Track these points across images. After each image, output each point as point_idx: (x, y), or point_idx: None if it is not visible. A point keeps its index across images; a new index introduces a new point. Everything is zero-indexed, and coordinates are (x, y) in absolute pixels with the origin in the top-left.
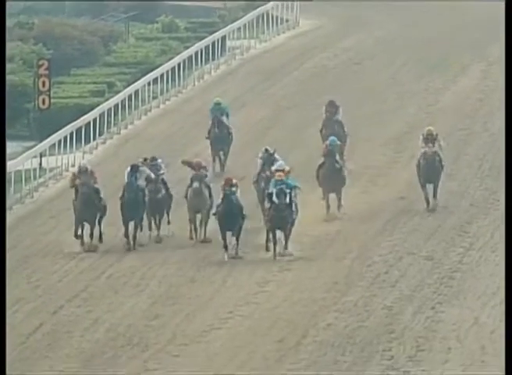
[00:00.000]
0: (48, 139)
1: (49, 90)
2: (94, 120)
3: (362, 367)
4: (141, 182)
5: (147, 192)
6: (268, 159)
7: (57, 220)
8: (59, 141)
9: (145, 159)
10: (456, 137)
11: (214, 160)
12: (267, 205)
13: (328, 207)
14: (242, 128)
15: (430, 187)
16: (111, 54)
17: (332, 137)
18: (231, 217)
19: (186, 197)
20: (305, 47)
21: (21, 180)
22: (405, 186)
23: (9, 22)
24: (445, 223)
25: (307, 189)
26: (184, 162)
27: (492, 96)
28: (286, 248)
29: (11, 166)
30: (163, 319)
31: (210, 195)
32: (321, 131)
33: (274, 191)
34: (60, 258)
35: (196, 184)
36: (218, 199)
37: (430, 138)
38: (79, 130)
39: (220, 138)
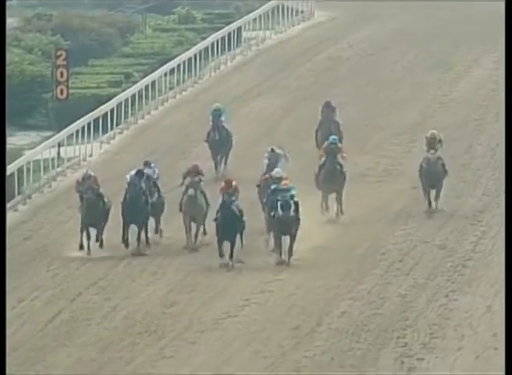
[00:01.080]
0: (66, 129)
1: (67, 80)
2: (112, 110)
3: (376, 354)
4: (144, 185)
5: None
6: (274, 160)
7: (74, 210)
8: (77, 131)
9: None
10: (469, 127)
11: (215, 160)
12: (271, 213)
13: (327, 209)
14: (257, 118)
15: (433, 191)
16: (128, 45)
17: (332, 136)
18: (229, 227)
19: (180, 204)
20: (320, 38)
21: (39, 170)
22: (418, 176)
23: (28, 13)
24: (458, 212)
25: None
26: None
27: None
28: (290, 254)
29: (30, 155)
30: (180, 306)
31: (206, 202)
32: (316, 132)
33: (279, 202)
34: (75, 249)
35: (191, 191)
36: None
37: (433, 142)
38: (96, 120)
39: (219, 142)
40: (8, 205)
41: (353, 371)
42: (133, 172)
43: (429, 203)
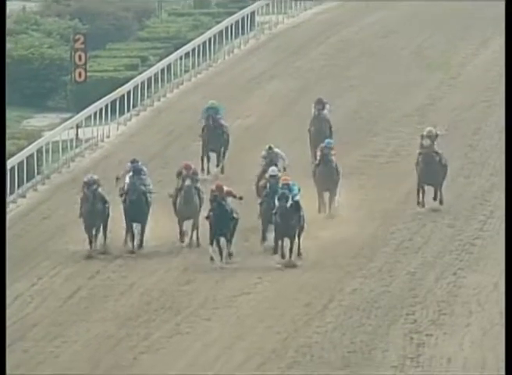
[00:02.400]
0: (84, 111)
1: (85, 64)
2: (128, 93)
3: (386, 330)
4: (145, 183)
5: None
6: (271, 158)
7: None
8: (95, 113)
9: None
10: (478, 109)
11: (202, 159)
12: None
13: (323, 205)
14: (270, 100)
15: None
16: (144, 29)
17: (327, 140)
18: (221, 224)
19: (174, 203)
20: (331, 22)
21: (58, 151)
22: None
23: None
24: (466, 192)
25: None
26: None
27: None
28: (291, 255)
29: (49, 136)
30: (194, 284)
31: (200, 201)
32: (309, 130)
33: (276, 195)
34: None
35: (188, 182)
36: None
37: (431, 139)
38: (113, 103)
39: (214, 139)
40: (28, 185)
41: (363, 347)
42: (130, 173)
43: (422, 204)
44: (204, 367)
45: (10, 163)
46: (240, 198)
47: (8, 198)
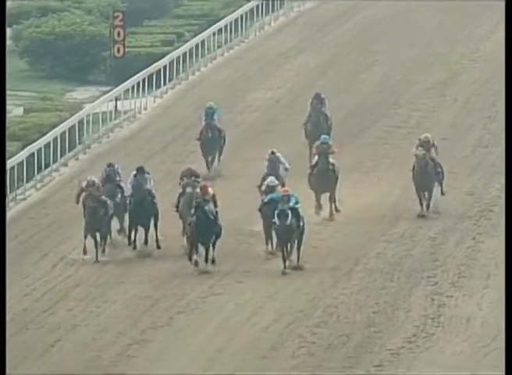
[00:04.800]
0: (123, 84)
1: (124, 39)
2: (164, 67)
3: (408, 292)
4: (149, 186)
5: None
6: (274, 162)
7: (131, 158)
8: (133, 86)
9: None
10: (496, 82)
11: (206, 158)
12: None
13: (320, 208)
14: (298, 74)
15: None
16: (180, 7)
17: (323, 136)
18: (203, 231)
19: (177, 207)
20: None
21: (98, 122)
22: (448, 128)
23: None
24: (484, 161)
25: (356, 130)
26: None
27: None
28: (297, 261)
29: (89, 108)
30: (226, 249)
31: None
32: (305, 124)
33: (276, 212)
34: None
35: (189, 190)
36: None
37: (426, 145)
38: (150, 77)
39: (211, 141)
40: (70, 154)
41: (387, 308)
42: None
43: (421, 204)
44: (237, 325)
45: (53, 134)
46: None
47: (52, 167)
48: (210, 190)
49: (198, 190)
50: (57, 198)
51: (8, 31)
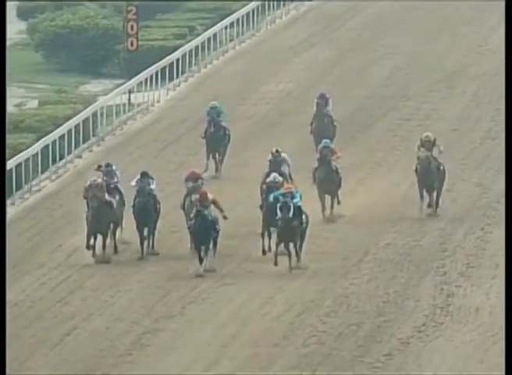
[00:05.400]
0: (136, 77)
1: (137, 33)
2: (177, 60)
3: (418, 282)
4: (153, 188)
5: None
6: (277, 162)
7: (145, 150)
8: (146, 79)
9: (99, 166)
10: (503, 75)
11: (208, 158)
12: (275, 216)
13: (324, 209)
14: (308, 67)
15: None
16: (192, 1)
17: (325, 140)
18: (203, 234)
19: (183, 208)
20: None
21: (112, 114)
22: (457, 119)
23: None
24: (493, 152)
25: (366, 123)
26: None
27: None
28: (298, 260)
29: (103, 101)
30: (237, 240)
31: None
32: (311, 124)
33: (278, 204)
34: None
35: (194, 197)
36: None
37: (427, 145)
38: (163, 69)
39: (216, 139)
40: (83, 146)
41: (396, 297)
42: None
43: (420, 210)
44: (249, 315)
45: (68, 126)
46: (225, 218)
47: (66, 159)
48: (209, 196)
49: (197, 196)
50: (71, 190)
51: (24, 25)
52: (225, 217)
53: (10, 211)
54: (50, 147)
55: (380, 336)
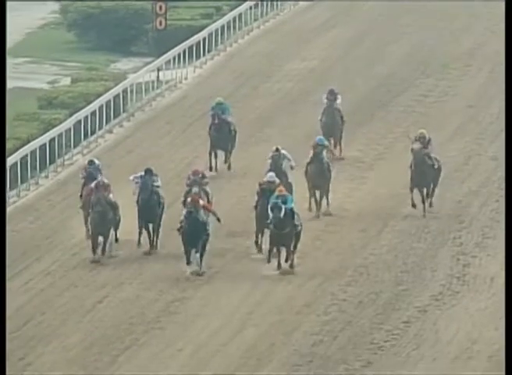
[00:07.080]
0: (165, 55)
1: (165, 13)
2: (204, 39)
3: (435, 252)
4: (156, 184)
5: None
6: (278, 159)
7: (173, 125)
8: (174, 57)
9: (90, 161)
10: None
11: (210, 155)
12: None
13: (314, 203)
14: (330, 47)
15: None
16: None
17: (319, 137)
18: (193, 236)
19: (184, 204)
20: None
21: (141, 91)
22: (474, 95)
23: None
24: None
25: (386, 99)
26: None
27: None
28: (291, 265)
29: (133, 78)
30: (246, 225)
31: (208, 202)
32: (320, 119)
33: (269, 205)
34: (173, 160)
35: (195, 190)
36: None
37: (422, 141)
38: (191, 48)
39: (221, 136)
40: (114, 122)
41: (414, 267)
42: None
43: (413, 205)
44: (272, 284)
45: (99, 102)
46: (218, 220)
47: (97, 134)
48: (200, 201)
49: (189, 200)
50: (102, 163)
51: (57, 6)
52: (218, 220)
53: (44, 183)
54: (82, 122)
55: (398, 304)
